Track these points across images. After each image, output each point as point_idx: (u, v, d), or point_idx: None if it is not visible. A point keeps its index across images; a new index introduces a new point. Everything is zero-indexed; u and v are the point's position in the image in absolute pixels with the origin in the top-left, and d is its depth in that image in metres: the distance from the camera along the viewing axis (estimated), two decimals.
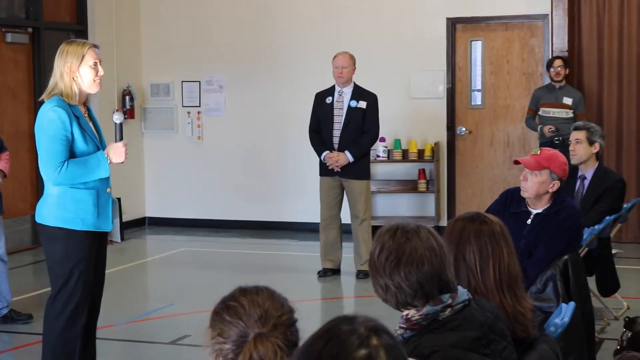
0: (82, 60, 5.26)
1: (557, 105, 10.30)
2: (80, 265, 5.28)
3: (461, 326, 2.75)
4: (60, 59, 5.27)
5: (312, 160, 9.81)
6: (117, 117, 5.50)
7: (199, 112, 12.41)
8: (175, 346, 7.01)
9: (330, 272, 9.29)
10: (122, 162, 5.44)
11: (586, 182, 7.05)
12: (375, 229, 10.30)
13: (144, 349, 7.18)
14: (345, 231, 9.40)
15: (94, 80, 5.31)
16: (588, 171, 7.07)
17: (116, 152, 5.35)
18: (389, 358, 1.80)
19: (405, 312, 2.81)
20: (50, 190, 5.32)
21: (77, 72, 5.25)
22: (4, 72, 10.64)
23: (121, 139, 5.44)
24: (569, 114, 10.25)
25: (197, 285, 9.05)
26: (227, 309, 2.39)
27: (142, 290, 9.52)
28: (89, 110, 5.46)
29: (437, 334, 2.73)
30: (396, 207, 11.69)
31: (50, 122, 5.19)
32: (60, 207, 5.26)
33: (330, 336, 1.81)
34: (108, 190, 5.41)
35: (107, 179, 5.40)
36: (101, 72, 5.34)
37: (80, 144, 5.25)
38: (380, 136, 9.60)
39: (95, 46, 5.37)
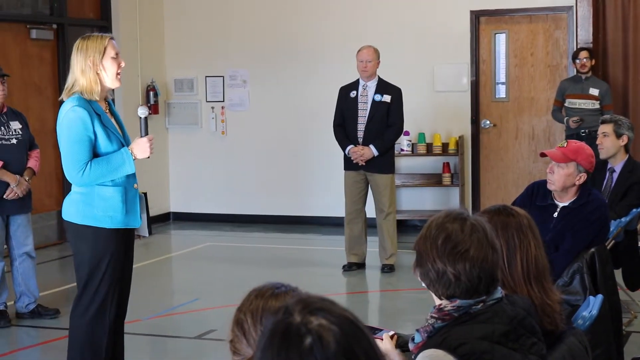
0: (104, 53, 5.18)
1: (584, 97, 10.23)
2: (108, 262, 5.23)
3: (491, 319, 2.74)
4: (80, 55, 5.18)
5: (336, 154, 9.80)
6: (142, 112, 5.41)
7: (222, 107, 12.43)
8: (201, 340, 7.03)
9: (355, 266, 9.29)
10: (148, 157, 5.38)
11: (615, 175, 7.01)
12: (400, 222, 10.34)
13: (170, 343, 7.20)
14: (370, 225, 9.39)
15: (117, 74, 5.23)
16: (617, 164, 7.02)
17: (141, 147, 5.28)
18: (334, 331, 1.75)
19: (438, 303, 2.79)
20: (77, 187, 5.27)
21: (100, 65, 5.17)
22: (29, 68, 10.70)
23: (146, 133, 5.35)
24: (595, 105, 10.19)
25: (222, 280, 9.07)
26: (236, 323, 2.42)
27: (168, 285, 9.55)
28: (110, 105, 5.40)
29: (466, 326, 2.72)
30: (421, 200, 11.67)
31: (70, 123, 5.11)
32: (88, 205, 5.20)
33: (276, 345, 1.76)
34: (135, 186, 5.34)
35: (133, 175, 5.33)
36: (123, 63, 5.27)
37: (103, 143, 5.18)
38: (404, 130, 9.58)
39: (112, 38, 5.30)
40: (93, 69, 5.17)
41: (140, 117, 5.41)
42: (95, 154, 5.19)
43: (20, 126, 7.56)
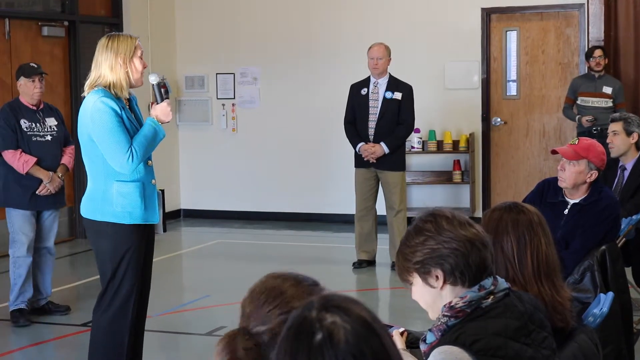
0: (134, 52, 5.26)
1: (596, 95, 10.22)
2: (129, 258, 5.24)
3: (503, 314, 2.73)
4: (110, 52, 5.21)
5: (347, 151, 9.79)
6: (153, 78, 5.45)
7: (233, 104, 12.44)
8: (211, 337, 7.04)
9: (365, 264, 9.29)
10: (169, 121, 5.40)
11: (626, 173, 6.98)
12: (410, 220, 10.26)
13: (180, 339, 7.22)
14: (381, 222, 9.39)
15: (142, 73, 5.33)
16: (628, 162, 6.99)
17: (162, 111, 5.34)
18: (346, 330, 1.76)
19: (447, 301, 2.78)
20: (96, 185, 5.25)
21: (130, 64, 5.24)
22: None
23: (162, 99, 5.38)
24: (608, 103, 10.17)
25: (232, 277, 9.08)
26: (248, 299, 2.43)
27: (178, 282, 9.56)
28: (131, 102, 5.43)
29: (480, 321, 2.71)
30: (431, 198, 11.66)
31: (102, 114, 5.11)
32: (107, 201, 5.19)
33: (290, 337, 1.80)
34: (153, 181, 5.35)
35: (151, 171, 5.35)
36: (146, 64, 5.38)
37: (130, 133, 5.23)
38: (415, 127, 9.58)
39: (139, 39, 5.39)
40: (123, 67, 5.23)
41: (153, 84, 5.44)
42: None
43: (56, 123, 7.60)
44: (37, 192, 7.39)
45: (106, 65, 5.22)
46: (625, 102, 10.25)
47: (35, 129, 7.45)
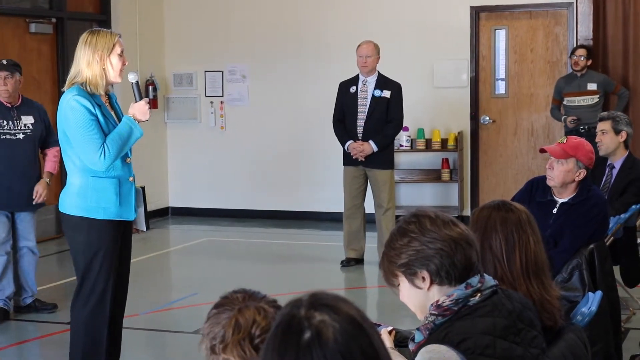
0: (112, 49, 5.26)
1: (581, 94, 10.24)
2: (103, 253, 5.27)
3: (491, 313, 2.72)
4: (88, 48, 5.24)
5: (335, 149, 9.78)
6: (132, 77, 5.48)
7: (221, 102, 12.41)
8: (199, 335, 6.99)
9: (354, 262, 9.28)
10: (147, 120, 5.42)
11: (614, 171, 6.99)
12: (398, 218, 10.23)
13: (167, 338, 7.20)
14: (369, 221, 9.38)
15: (121, 70, 5.33)
16: (617, 160, 7.00)
17: (140, 110, 5.35)
18: (335, 329, 1.75)
19: (435, 300, 2.77)
20: (72, 179, 5.31)
21: (107, 60, 5.25)
22: (28, 62, 10.66)
23: (141, 98, 5.43)
24: (594, 100, 10.19)
25: (220, 275, 9.07)
26: (214, 307, 2.49)
27: (166, 279, 9.54)
28: (111, 98, 5.45)
29: (467, 320, 2.70)
30: (420, 196, 11.66)
31: (75, 112, 5.16)
32: (82, 196, 5.24)
33: (278, 335, 1.79)
34: (130, 179, 5.39)
35: (129, 168, 5.39)
36: (127, 62, 5.38)
37: (104, 131, 5.24)
38: (403, 125, 9.58)
39: (120, 36, 5.39)
40: (100, 63, 5.24)
41: (132, 83, 5.48)
42: None
43: (33, 121, 7.47)
44: (33, 202, 7.35)
45: (84, 61, 5.25)
46: (618, 84, 10.34)
47: (5, 127, 7.35)
